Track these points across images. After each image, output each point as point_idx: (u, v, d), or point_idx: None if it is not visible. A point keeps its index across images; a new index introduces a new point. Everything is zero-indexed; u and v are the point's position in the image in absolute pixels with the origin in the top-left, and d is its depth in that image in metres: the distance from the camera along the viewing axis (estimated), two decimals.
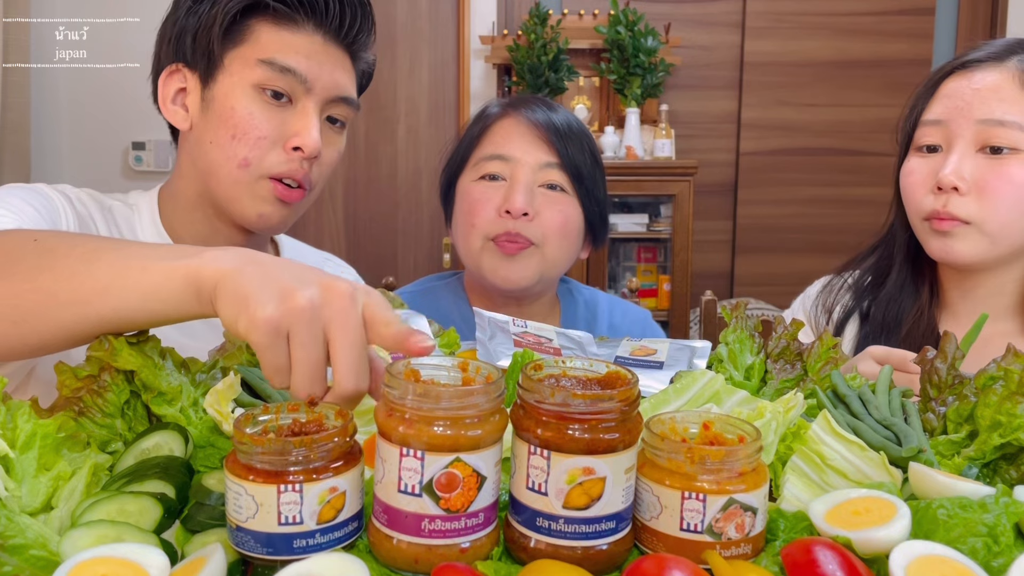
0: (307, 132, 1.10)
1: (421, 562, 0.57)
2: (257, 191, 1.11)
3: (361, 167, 3.96)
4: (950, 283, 1.27)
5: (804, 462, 0.70)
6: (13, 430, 0.66)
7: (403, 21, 3.90)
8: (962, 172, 1.15)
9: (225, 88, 1.10)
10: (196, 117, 1.12)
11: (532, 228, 1.32)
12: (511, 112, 1.37)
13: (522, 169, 1.33)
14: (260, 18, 1.10)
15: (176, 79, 1.13)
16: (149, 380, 0.77)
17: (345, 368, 0.64)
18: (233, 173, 1.10)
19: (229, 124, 1.09)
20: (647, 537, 0.61)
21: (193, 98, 1.12)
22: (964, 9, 3.95)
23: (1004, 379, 0.75)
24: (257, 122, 1.09)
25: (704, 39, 3.91)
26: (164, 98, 1.14)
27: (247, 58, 1.09)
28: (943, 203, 1.17)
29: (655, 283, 3.79)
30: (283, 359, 0.64)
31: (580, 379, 0.64)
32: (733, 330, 0.97)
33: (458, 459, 0.57)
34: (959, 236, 1.17)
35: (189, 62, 1.12)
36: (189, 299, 0.69)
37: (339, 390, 0.64)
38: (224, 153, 1.10)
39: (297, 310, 0.63)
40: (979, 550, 0.55)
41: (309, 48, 1.10)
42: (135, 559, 0.54)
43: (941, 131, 1.19)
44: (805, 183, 3.94)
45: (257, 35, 1.10)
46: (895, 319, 1.25)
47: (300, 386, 0.64)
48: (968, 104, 1.16)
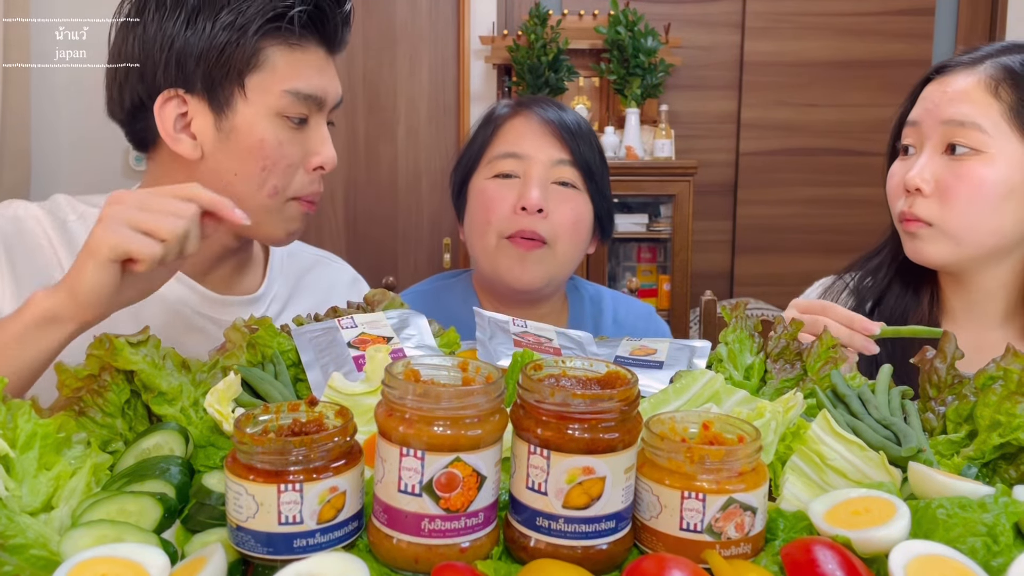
0: (327, 151, 1.11)
1: (421, 562, 0.57)
2: (286, 213, 1.12)
3: (361, 167, 3.95)
4: (947, 287, 1.27)
5: (804, 462, 0.70)
6: (13, 430, 0.66)
7: (403, 21, 3.90)
8: (925, 173, 1.17)
9: (248, 119, 1.05)
10: (210, 147, 1.07)
11: (545, 225, 1.34)
12: (523, 111, 1.39)
13: (536, 166, 1.35)
14: (272, 41, 1.06)
15: (174, 105, 1.06)
16: (149, 380, 0.77)
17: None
18: (263, 203, 1.08)
19: (258, 156, 1.06)
20: (647, 537, 0.61)
21: (203, 126, 1.06)
22: (964, 9, 3.95)
23: (1003, 379, 0.75)
24: (287, 151, 1.08)
25: (704, 39, 3.91)
26: (165, 127, 1.06)
27: (268, 87, 1.05)
28: (909, 204, 1.19)
29: (655, 283, 3.79)
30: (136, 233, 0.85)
31: (580, 379, 0.64)
32: (733, 330, 0.97)
33: (458, 459, 0.57)
34: (924, 238, 1.18)
35: (192, 88, 1.05)
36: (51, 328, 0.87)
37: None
38: (252, 184, 1.07)
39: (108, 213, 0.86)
40: (978, 550, 0.55)
41: (318, 66, 1.10)
42: (135, 559, 0.54)
43: (916, 133, 1.22)
44: (805, 183, 3.94)
45: (273, 61, 1.06)
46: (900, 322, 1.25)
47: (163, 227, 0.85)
48: (937, 106, 1.18)
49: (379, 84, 3.91)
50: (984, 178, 1.13)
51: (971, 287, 1.23)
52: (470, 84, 3.88)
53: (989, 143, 1.13)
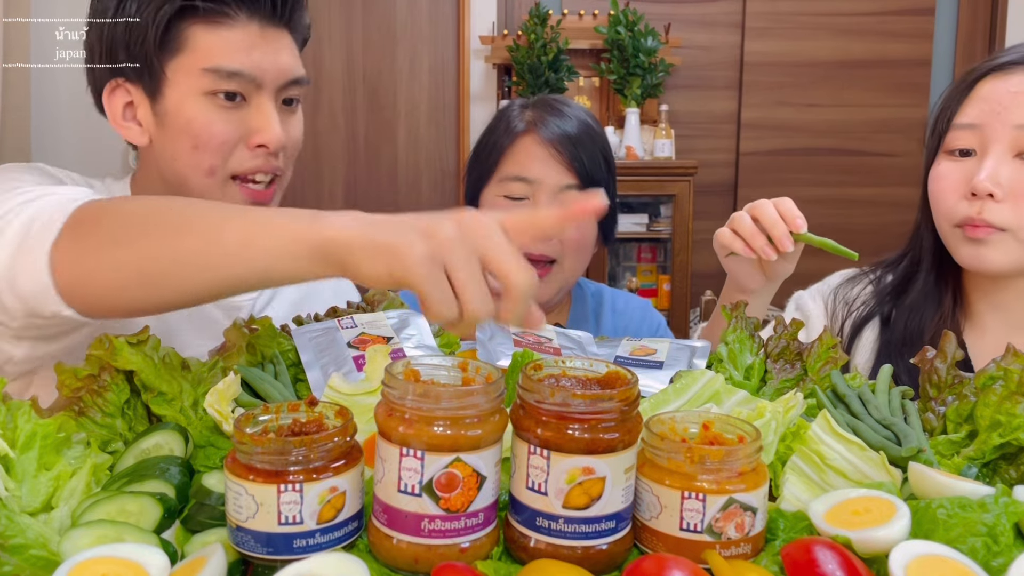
0: (268, 128, 1.08)
1: (421, 562, 0.57)
2: (227, 195, 1.10)
3: (361, 167, 3.95)
4: (976, 292, 1.24)
5: (804, 462, 0.70)
6: (13, 430, 0.66)
7: (403, 21, 3.90)
8: (998, 178, 1.11)
9: (175, 101, 1.06)
10: (153, 132, 1.09)
11: (552, 245, 1.41)
12: (533, 131, 1.43)
13: (544, 192, 1.40)
14: (191, 21, 1.05)
15: (120, 94, 1.08)
16: (149, 380, 0.77)
17: (518, 266, 0.64)
18: (202, 182, 1.08)
19: (188, 135, 1.06)
20: (647, 537, 0.61)
21: (144, 113, 1.08)
22: (964, 9, 3.95)
23: (1004, 379, 0.75)
24: (217, 129, 1.06)
25: (704, 39, 3.91)
26: (114, 117, 1.09)
27: (189, 68, 1.05)
28: (977, 209, 1.13)
29: (655, 283, 3.79)
30: (447, 288, 0.64)
31: (580, 379, 0.64)
32: (733, 330, 0.97)
33: (458, 459, 0.57)
34: (992, 244, 1.13)
35: (128, 76, 1.07)
36: (315, 262, 0.69)
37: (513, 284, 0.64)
38: (189, 164, 1.07)
39: (448, 241, 0.63)
40: (979, 550, 0.55)
41: (248, 42, 1.07)
42: (135, 559, 0.54)
43: (975, 135, 1.16)
44: (805, 183, 3.93)
45: (194, 41, 1.05)
46: (918, 327, 1.22)
47: (475, 307, 0.63)
48: (1005, 108, 1.12)
49: (379, 84, 3.91)
50: None
51: (1003, 290, 1.21)
52: (470, 84, 3.88)
53: None
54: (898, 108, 3.88)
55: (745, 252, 1.11)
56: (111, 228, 0.79)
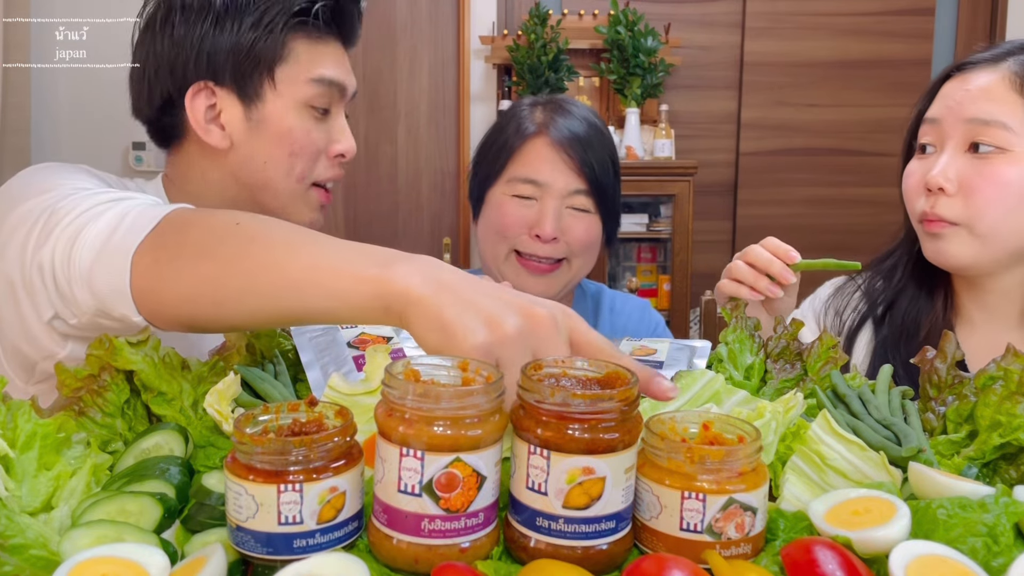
0: (347, 138, 1.19)
1: (421, 562, 0.57)
2: (309, 200, 1.19)
3: (361, 167, 3.95)
4: (961, 289, 1.25)
5: (804, 462, 0.70)
6: (13, 430, 0.66)
7: (403, 21, 3.90)
8: (948, 173, 1.15)
9: (278, 108, 1.13)
10: (239, 136, 1.13)
11: (559, 246, 1.42)
12: (543, 133, 1.43)
13: (552, 195, 1.42)
14: (294, 35, 1.13)
15: (204, 96, 1.12)
16: (149, 380, 0.77)
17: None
18: (292, 187, 1.16)
19: (287, 143, 1.14)
20: (647, 537, 0.61)
21: (233, 118, 1.12)
22: (964, 9, 3.95)
23: (1004, 379, 0.75)
24: (313, 137, 1.15)
25: (704, 39, 3.91)
26: (196, 118, 1.12)
27: (295, 78, 1.13)
28: (931, 204, 1.16)
29: (655, 283, 3.79)
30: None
31: (580, 379, 0.64)
32: (733, 330, 0.97)
33: (458, 459, 0.57)
34: (948, 238, 1.16)
35: (220, 80, 1.11)
36: (376, 311, 0.68)
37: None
38: (282, 170, 1.15)
39: (507, 339, 0.63)
40: (979, 550, 0.55)
41: (339, 58, 1.18)
42: (135, 559, 0.54)
43: (936, 131, 1.19)
44: (805, 183, 3.94)
45: (297, 53, 1.13)
46: (914, 324, 1.23)
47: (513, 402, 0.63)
48: (959, 104, 1.16)
49: (379, 84, 3.91)
50: (1010, 177, 1.12)
51: (987, 289, 1.22)
52: (470, 84, 3.88)
53: (1014, 141, 1.11)
54: (898, 108, 3.88)
55: (752, 296, 1.15)
56: (196, 240, 0.78)
